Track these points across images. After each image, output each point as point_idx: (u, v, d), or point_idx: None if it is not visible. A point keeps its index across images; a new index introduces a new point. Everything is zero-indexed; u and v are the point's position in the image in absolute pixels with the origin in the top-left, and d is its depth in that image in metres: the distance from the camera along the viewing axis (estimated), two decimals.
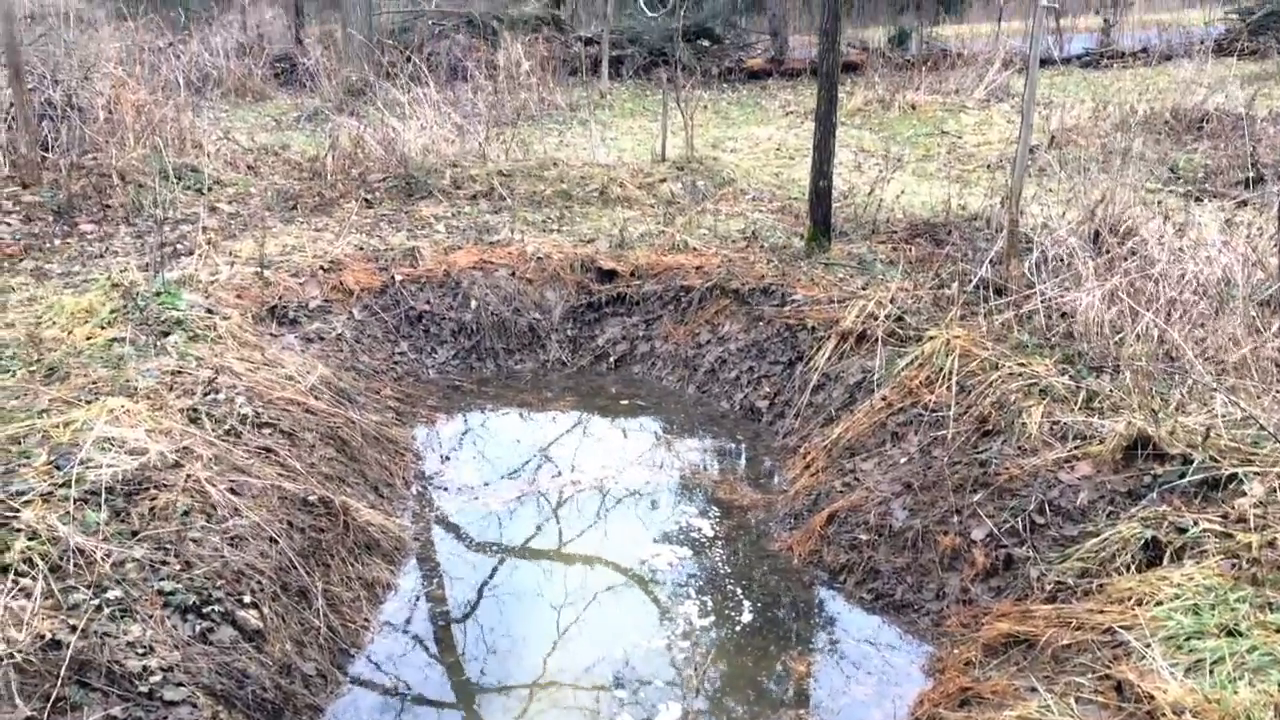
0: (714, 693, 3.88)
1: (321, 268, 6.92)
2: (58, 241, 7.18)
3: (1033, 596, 3.87)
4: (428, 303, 7.02)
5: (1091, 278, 5.45)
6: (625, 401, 6.58)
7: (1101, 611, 3.49)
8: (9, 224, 7.32)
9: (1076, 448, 4.32)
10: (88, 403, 4.32)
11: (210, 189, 8.84)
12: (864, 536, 4.56)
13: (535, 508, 5.29)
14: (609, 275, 7.33)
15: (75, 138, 8.64)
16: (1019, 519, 4.14)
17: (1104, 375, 4.79)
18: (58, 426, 4.07)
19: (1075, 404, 4.57)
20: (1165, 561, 3.63)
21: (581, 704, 3.81)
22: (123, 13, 14.20)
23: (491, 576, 4.68)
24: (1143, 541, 3.70)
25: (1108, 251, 5.89)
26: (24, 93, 7.94)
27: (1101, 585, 3.67)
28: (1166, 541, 3.67)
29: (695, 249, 7.53)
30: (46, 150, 8.39)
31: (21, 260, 6.73)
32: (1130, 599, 3.47)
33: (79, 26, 10.59)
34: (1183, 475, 3.92)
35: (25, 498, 3.53)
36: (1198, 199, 7.97)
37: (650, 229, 8.11)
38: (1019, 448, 4.48)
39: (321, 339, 6.27)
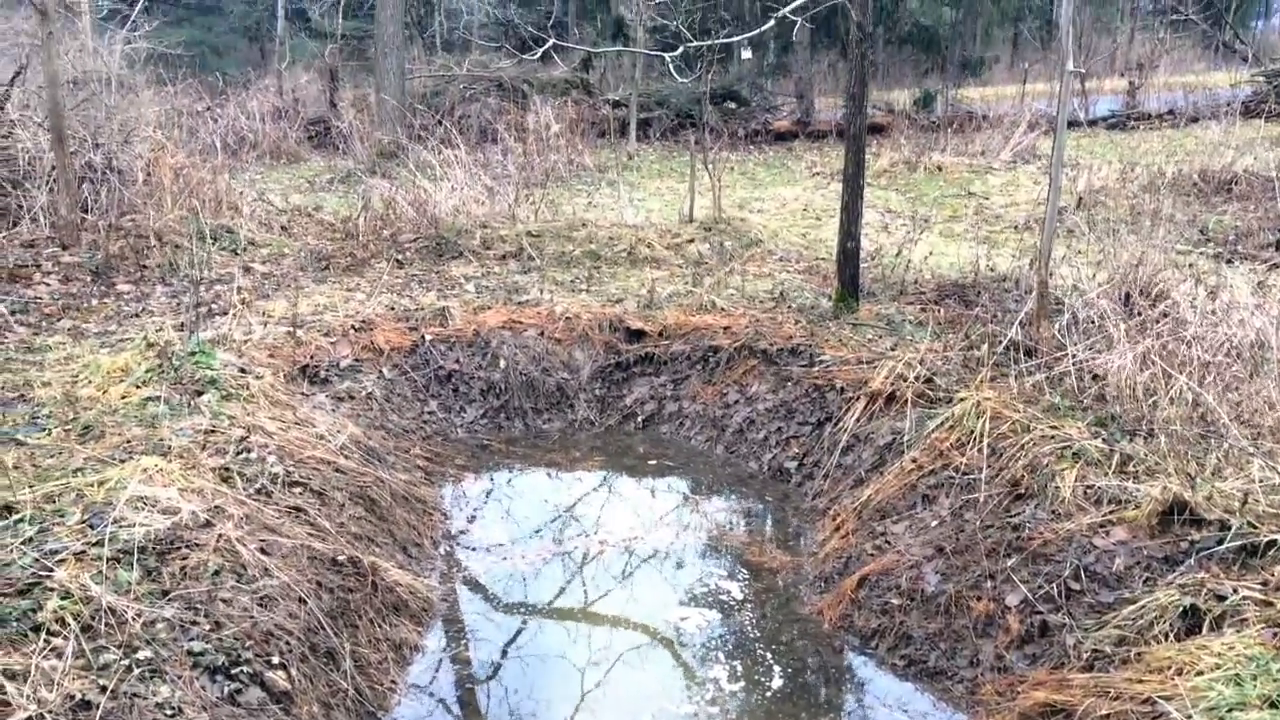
0: None
1: (353, 327, 6.99)
2: (95, 301, 7.29)
3: (1069, 665, 3.80)
4: (457, 362, 7.06)
5: (1123, 340, 5.42)
6: (653, 461, 6.57)
7: (1140, 681, 3.42)
8: (48, 284, 7.46)
9: (1111, 512, 4.27)
10: (122, 461, 4.36)
11: (245, 249, 8.99)
12: (896, 601, 4.50)
13: (562, 568, 5.26)
14: (637, 335, 7.36)
15: (114, 200, 8.82)
16: (1054, 585, 4.08)
17: (1138, 439, 4.73)
18: (92, 485, 4.10)
19: (1109, 468, 4.52)
20: (1205, 630, 3.56)
21: None
22: (163, 78, 14.56)
23: (518, 637, 4.65)
24: (1181, 609, 3.64)
25: (1139, 314, 5.86)
26: (65, 156, 8.12)
27: (1140, 654, 3.60)
28: (1206, 609, 3.60)
29: (723, 309, 7.55)
30: (86, 212, 8.57)
31: (59, 320, 6.84)
32: (1170, 668, 3.40)
33: (120, 91, 10.83)
34: (1221, 541, 3.86)
35: (59, 556, 3.55)
36: (1229, 261, 7.93)
37: (678, 289, 8.15)
38: (1052, 512, 4.43)
39: (352, 398, 6.31)
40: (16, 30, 12.66)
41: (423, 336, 7.08)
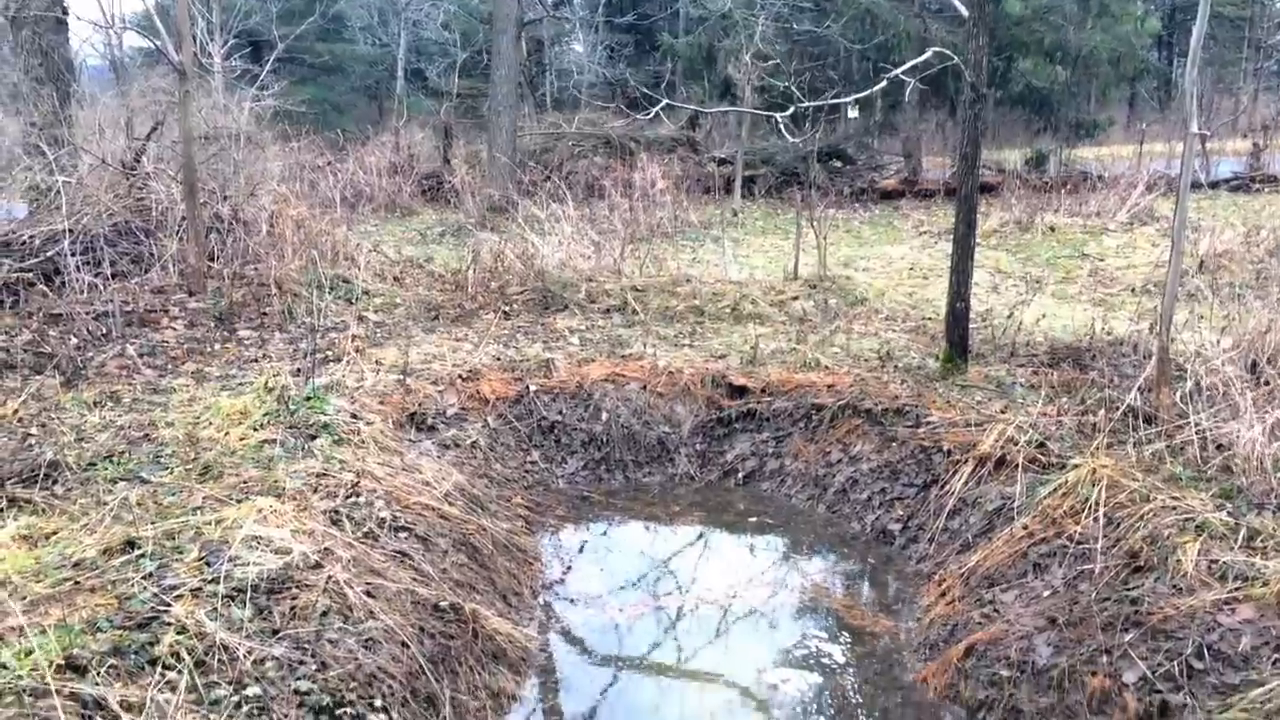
0: None
1: (460, 376, 7.13)
2: (218, 346, 7.60)
3: None
4: (560, 413, 7.13)
5: (1250, 409, 5.19)
6: (753, 519, 6.50)
7: None
8: (175, 329, 7.80)
9: (1237, 589, 4.06)
10: (238, 501, 4.50)
11: (359, 299, 9.27)
12: (1005, 673, 4.34)
13: (658, 622, 5.22)
14: (739, 391, 7.34)
15: (239, 249, 9.21)
16: (1175, 663, 3.89)
17: (1266, 513, 4.52)
18: (210, 524, 4.24)
19: (1235, 542, 4.32)
20: None
21: None
22: (288, 134, 15.22)
23: (612, 690, 4.62)
24: None
25: (1267, 382, 5.62)
26: (196, 207, 8.53)
27: None
28: None
29: (827, 367, 7.49)
30: (212, 260, 8.96)
31: (184, 363, 7.13)
32: None
33: (248, 146, 11.36)
34: None
35: (177, 592, 3.67)
36: None
37: (781, 346, 8.11)
38: (1173, 586, 4.23)
39: (457, 446, 6.41)
40: (154, 88, 13.38)
41: (527, 387, 7.18)
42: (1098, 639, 4.18)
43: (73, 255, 8.09)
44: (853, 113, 21.73)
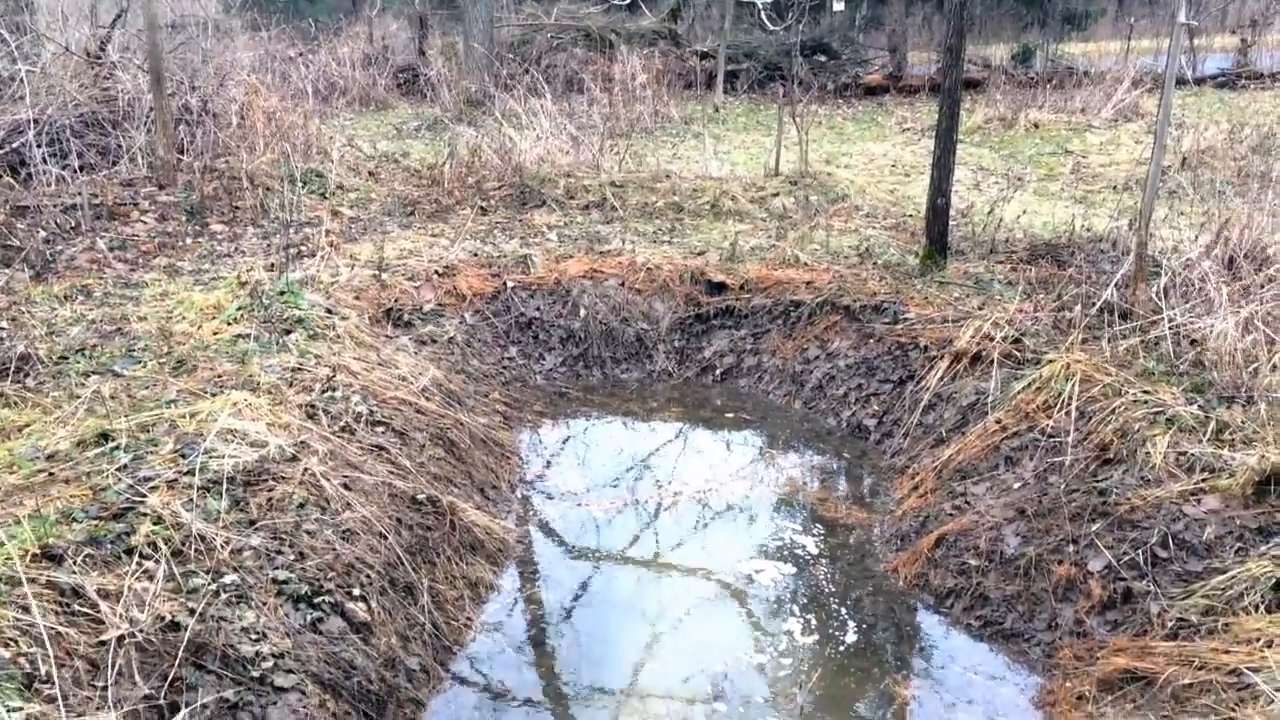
0: (814, 713, 3.81)
1: (437, 272, 7.07)
2: (189, 240, 7.48)
3: (1152, 632, 3.71)
4: (538, 309, 7.10)
5: (1225, 304, 5.21)
6: (730, 414, 6.54)
7: (1227, 651, 3.33)
8: (145, 223, 7.66)
9: (1203, 480, 4.13)
10: (213, 395, 4.48)
11: (333, 194, 9.12)
12: (973, 562, 4.43)
13: (636, 516, 5.29)
14: (718, 288, 7.31)
15: (209, 142, 9.00)
16: (1139, 551, 3.98)
17: (1235, 406, 4.57)
18: (184, 417, 4.22)
19: (1204, 435, 4.37)
20: None
21: (677, 715, 3.78)
22: (257, 23, 14.80)
23: (590, 582, 4.70)
24: (1274, 581, 3.52)
25: (1243, 278, 5.63)
26: (163, 98, 8.30)
27: (1227, 624, 3.49)
28: None
29: (806, 264, 7.46)
30: (182, 153, 8.77)
31: (155, 257, 7.03)
32: (1259, 640, 3.30)
33: (216, 35, 11.04)
34: None
35: (152, 483, 3.67)
36: None
37: (761, 243, 8.06)
38: (1141, 478, 4.30)
39: (434, 342, 6.39)
40: None
41: (505, 283, 7.13)
42: (1065, 529, 4.26)
43: (38, 147, 7.89)
44: (838, 6, 21.27)
